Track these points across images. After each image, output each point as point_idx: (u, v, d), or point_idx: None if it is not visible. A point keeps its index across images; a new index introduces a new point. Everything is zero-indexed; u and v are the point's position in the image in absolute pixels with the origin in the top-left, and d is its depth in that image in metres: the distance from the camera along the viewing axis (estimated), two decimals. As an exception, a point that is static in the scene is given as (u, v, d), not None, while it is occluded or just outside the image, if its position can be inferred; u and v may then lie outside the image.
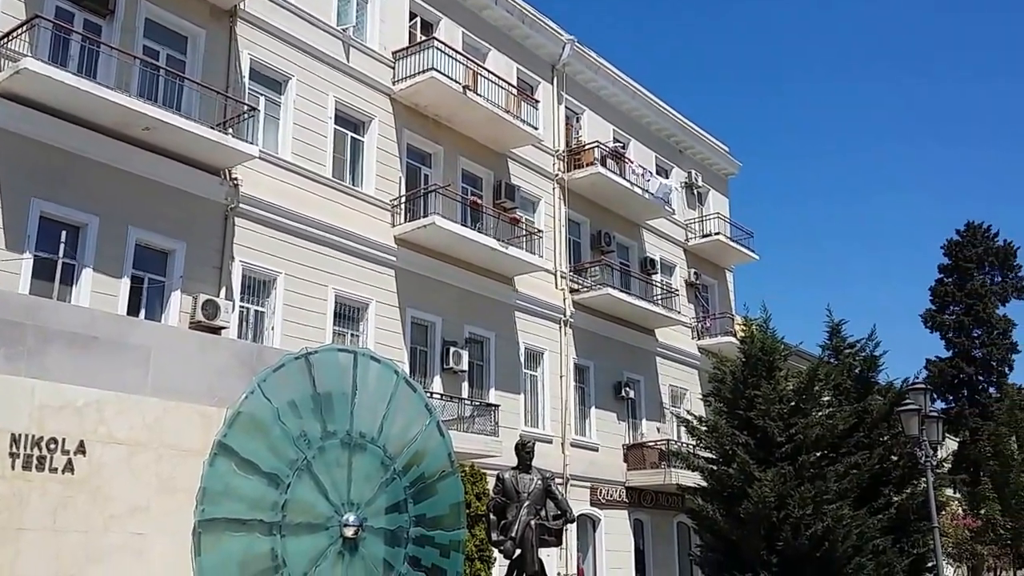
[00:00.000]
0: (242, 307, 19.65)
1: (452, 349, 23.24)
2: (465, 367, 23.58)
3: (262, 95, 20.90)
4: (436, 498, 14.39)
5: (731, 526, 22.23)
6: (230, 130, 18.73)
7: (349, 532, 13.07)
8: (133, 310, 17.43)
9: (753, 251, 36.21)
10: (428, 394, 19.37)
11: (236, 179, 19.36)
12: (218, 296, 18.48)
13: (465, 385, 23.81)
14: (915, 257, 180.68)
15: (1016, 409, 24.39)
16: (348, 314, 21.69)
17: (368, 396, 13.89)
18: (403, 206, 23.28)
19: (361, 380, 13.87)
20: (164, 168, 18.12)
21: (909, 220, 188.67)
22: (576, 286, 28.36)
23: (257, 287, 20.04)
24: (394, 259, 22.69)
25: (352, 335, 21.62)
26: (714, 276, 35.71)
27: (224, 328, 18.10)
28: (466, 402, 23.23)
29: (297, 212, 20.62)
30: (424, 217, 22.95)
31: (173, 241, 18.37)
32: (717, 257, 35.62)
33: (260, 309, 20.05)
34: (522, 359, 25.96)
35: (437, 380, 23.05)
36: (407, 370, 20.48)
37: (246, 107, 19.35)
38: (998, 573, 41.23)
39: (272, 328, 19.91)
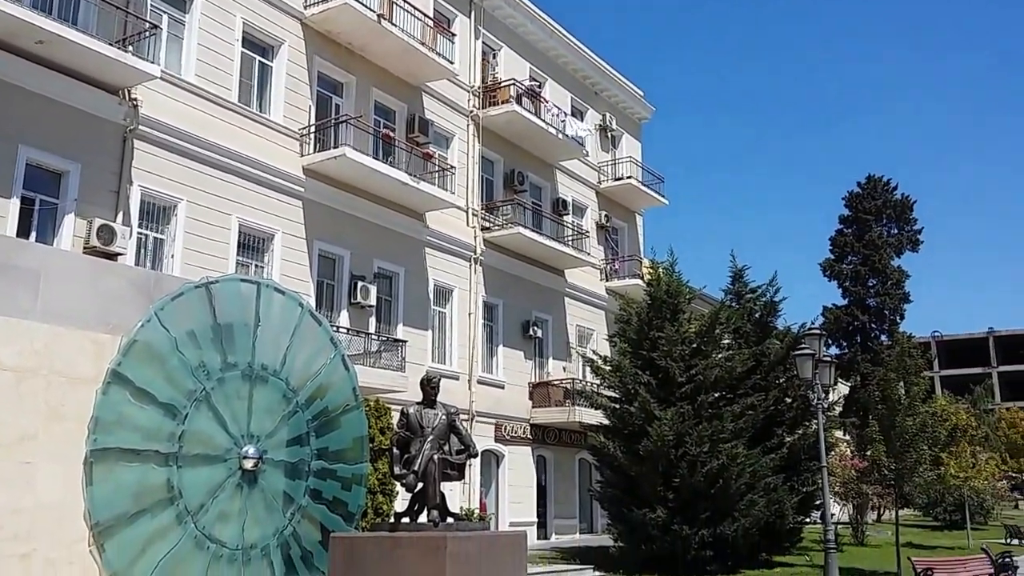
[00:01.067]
0: (140, 233, 18.96)
1: (360, 284, 22.96)
2: (373, 302, 23.35)
3: (165, 13, 19.94)
4: (339, 432, 14.34)
5: (631, 463, 22.82)
6: (130, 48, 17.82)
7: (248, 464, 12.93)
8: (23, 233, 16.62)
9: (663, 196, 36.63)
10: (334, 328, 19.15)
11: (136, 100, 18.50)
12: (115, 221, 17.76)
13: (373, 320, 23.61)
14: (820, 206, 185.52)
15: (905, 356, 25.38)
16: (252, 244, 21.16)
17: (271, 328, 13.67)
18: (312, 136, 22.70)
19: (264, 312, 13.62)
20: (59, 85, 17.20)
21: (815, 172, 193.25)
22: (488, 224, 28.27)
23: (157, 213, 19.35)
24: (302, 190, 22.17)
25: (256, 266, 21.14)
26: (624, 219, 36.04)
27: (120, 254, 17.44)
28: (373, 337, 23.06)
29: (200, 137, 19.88)
30: (334, 148, 22.42)
31: (67, 162, 17.52)
32: (628, 200, 35.91)
33: (160, 236, 19.39)
34: (431, 295, 25.86)
35: (344, 314, 22.79)
36: (313, 304, 20.15)
37: (148, 24, 18.42)
38: (881, 511, 43.53)
39: (172, 256, 19.29)
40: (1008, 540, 33.55)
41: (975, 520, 40.70)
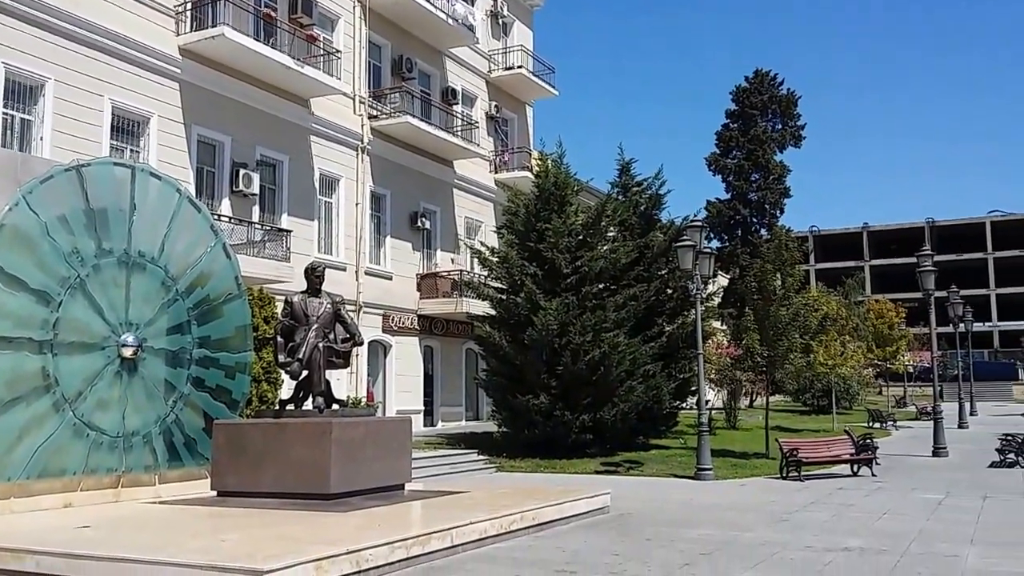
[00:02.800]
0: (5, 114, 17.88)
1: (242, 171, 22.29)
2: (256, 190, 22.75)
3: None
4: (221, 320, 14.18)
5: (516, 352, 23.32)
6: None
7: (127, 352, 12.70)
8: None
9: (554, 87, 36.41)
10: (215, 217, 18.65)
11: (-8, -32, 17.16)
12: (-26, 100, 16.66)
13: (256, 209, 23.04)
14: (707, 102, 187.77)
15: (782, 249, 26.29)
16: (127, 128, 20.20)
17: (147, 214, 13.24)
18: (189, 14, 21.56)
19: (140, 197, 13.16)
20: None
21: (707, 65, 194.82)
22: (375, 112, 27.64)
23: (23, 93, 18.21)
24: (179, 71, 21.14)
25: (132, 151, 20.24)
26: (514, 110, 35.78)
27: (-18, 136, 16.44)
28: (257, 226, 22.55)
29: (68, 12, 18.65)
30: (212, 28, 21.38)
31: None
32: (518, 91, 35.58)
33: (27, 117, 18.31)
34: (317, 185, 25.33)
35: (226, 203, 22.15)
36: (192, 191, 19.48)
37: None
38: (754, 397, 45.83)
39: (41, 139, 18.29)
40: (870, 424, 35.83)
41: (841, 405, 43.21)
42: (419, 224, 29.19)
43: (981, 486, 17.59)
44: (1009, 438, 22.02)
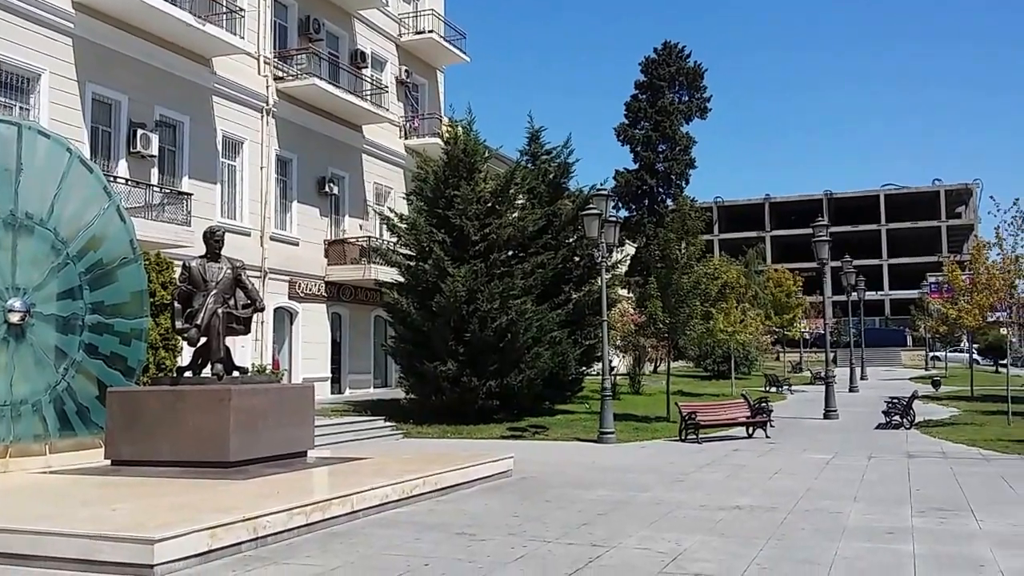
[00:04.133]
0: None
1: (140, 132, 21.53)
2: (155, 152, 22.02)
3: None
4: (116, 285, 13.77)
5: (424, 319, 23.31)
6: None
7: (14, 318, 12.25)
8: None
9: (465, 53, 36.13)
10: (110, 179, 18.05)
11: None
12: None
13: (155, 171, 22.31)
14: (618, 72, 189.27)
15: (686, 219, 26.87)
16: (15, 84, 19.29)
17: (36, 174, 12.74)
18: (82, -35, 20.64)
19: (27, 156, 12.64)
20: None
21: (614, 36, 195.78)
22: (281, 74, 26.99)
23: (-103, 44, 17.23)
24: (71, 25, 20.24)
25: (21, 108, 19.34)
26: (425, 75, 35.40)
27: None
28: (155, 189, 21.85)
29: (-53, -42, 17.68)
30: (107, -20, 20.52)
31: None
32: (429, 56, 35.20)
33: (-98, 70, 17.35)
34: (220, 147, 24.67)
35: (123, 164, 21.39)
36: (87, 152, 18.80)
37: None
38: (657, 363, 46.81)
39: (-82, 94, 17.36)
40: (767, 388, 37.02)
41: (740, 371, 44.51)
42: (327, 189, 28.73)
43: (867, 446, 18.41)
44: (895, 401, 23.08)
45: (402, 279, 24.90)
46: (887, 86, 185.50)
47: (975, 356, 50.30)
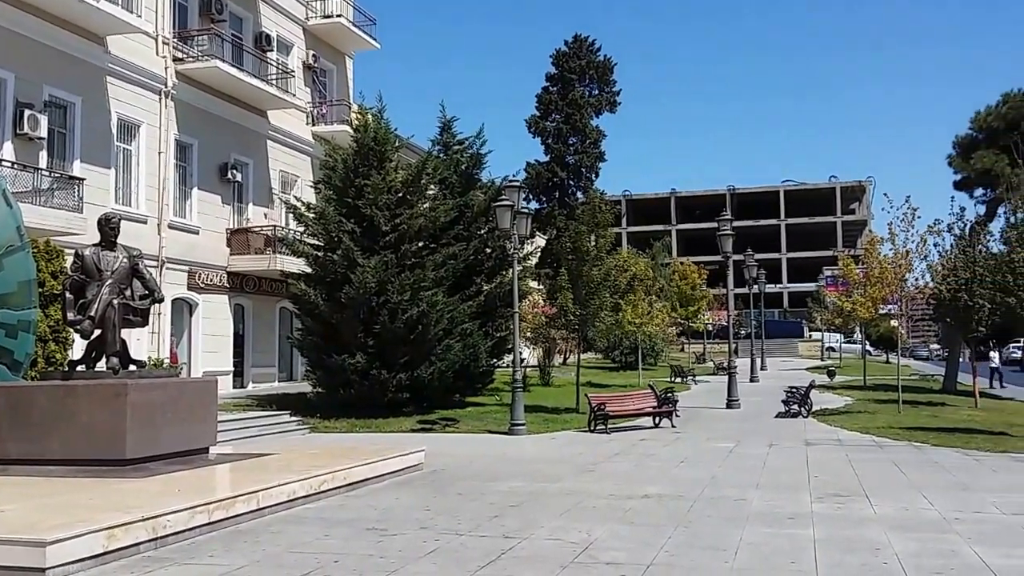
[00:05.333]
0: None
1: (27, 112, 20.39)
2: (44, 134, 20.89)
3: None
4: (1, 275, 13.01)
5: (332, 311, 22.86)
6: None
7: None
8: None
9: (375, 39, 35.53)
10: (-4, 161, 17.08)
11: None
12: None
13: (43, 154, 21.17)
14: (530, 64, 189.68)
15: (596, 212, 27.03)
16: None
17: (-90, 155, 11.92)
18: (-35, -65, 19.49)
19: (-99, 135, 11.82)
20: None
21: (527, 28, 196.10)
22: (181, 55, 26.02)
23: None
24: (-47, -1, 19.11)
25: (-103, 86, 18.18)
26: (333, 61, 34.67)
27: None
28: (44, 173, 20.74)
29: None
30: (-7, -48, 19.42)
31: None
32: (338, 41, 34.48)
33: None
34: (114, 130, 23.63)
35: (8, 147, 20.23)
36: (-29, 132, 17.77)
37: None
38: (567, 354, 47.09)
39: None
40: (672, 379, 37.66)
41: (647, 361, 45.15)
42: (229, 176, 27.85)
43: (768, 435, 18.86)
44: (793, 390, 23.76)
45: (309, 270, 24.35)
46: (788, 84, 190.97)
47: (867, 347, 52.29)
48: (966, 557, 7.98)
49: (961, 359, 37.71)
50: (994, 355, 43.67)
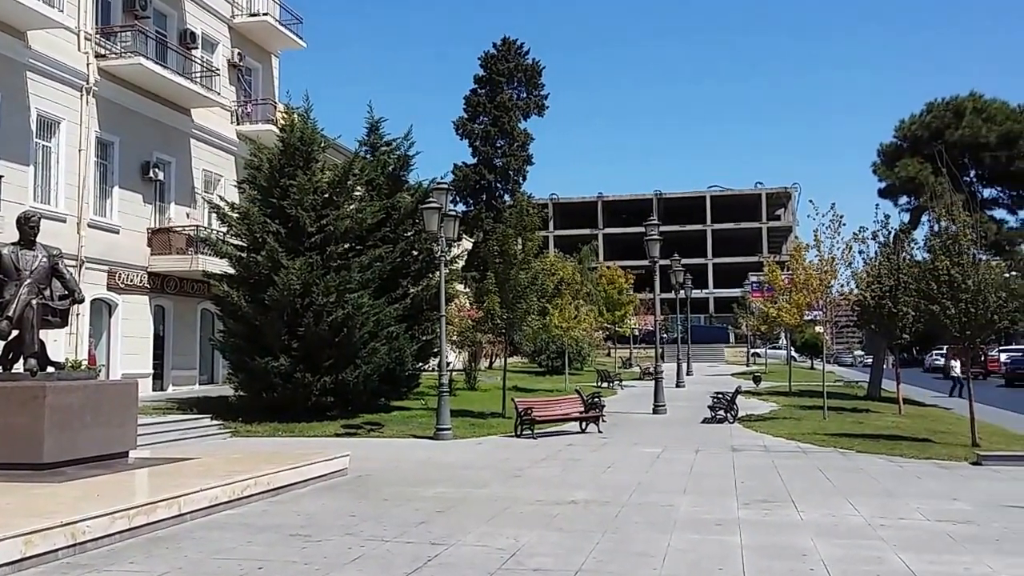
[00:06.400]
0: None
1: (-59, 106, 19.77)
2: (-42, 129, 20.27)
3: None
4: (-89, 273, 12.53)
5: (255, 312, 22.55)
6: None
7: None
8: None
9: (301, 38, 35.12)
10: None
11: None
12: None
13: (-42, 150, 20.54)
14: (457, 66, 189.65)
15: (524, 215, 27.15)
16: None
17: None
18: None
19: None
20: None
21: (456, 26, 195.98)
22: (104, 51, 25.36)
23: None
24: None
25: None
26: (259, 59, 34.17)
27: None
28: (-42, 169, 20.09)
29: None
30: (-96, -62, 18.71)
31: None
32: (263, 40, 33.99)
33: None
34: (34, 127, 22.93)
35: (-80, 140, 19.59)
36: None
37: None
38: (493, 358, 47.20)
39: None
40: (599, 383, 37.99)
41: (573, 366, 45.40)
42: (151, 175, 27.25)
43: (694, 440, 19.17)
44: (719, 396, 24.13)
45: (233, 271, 23.97)
46: (715, 91, 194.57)
47: (793, 353, 53.49)
48: (891, 563, 8.19)
49: (885, 365, 38.36)
50: (955, 363, 37.03)
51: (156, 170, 27.41)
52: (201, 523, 9.85)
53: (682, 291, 45.15)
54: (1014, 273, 27.38)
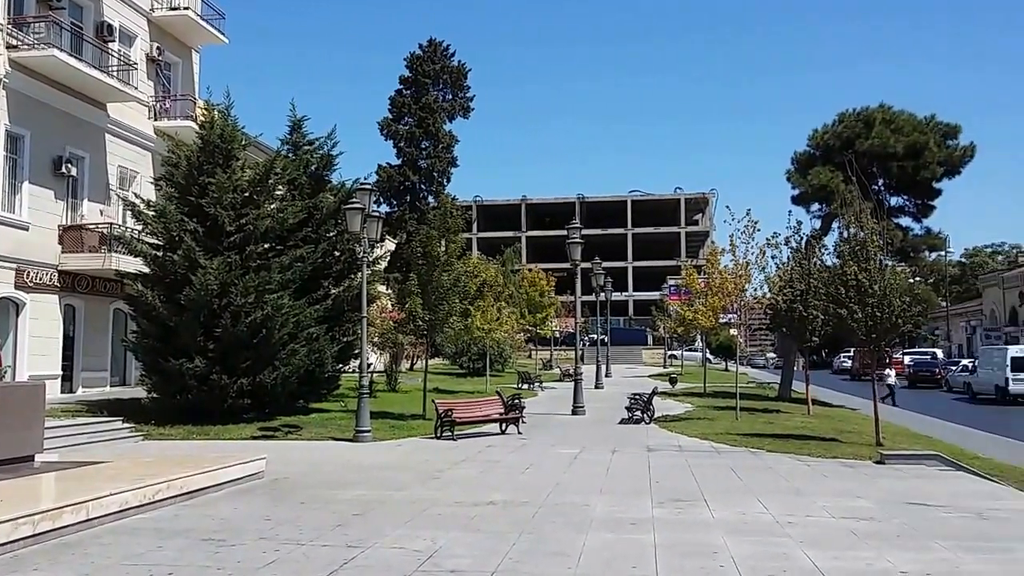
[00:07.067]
0: None
1: None
2: None
3: None
4: None
5: (171, 313, 22.08)
6: None
7: None
8: None
9: (223, 34, 34.44)
10: None
11: None
12: None
13: None
14: (384, 67, 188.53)
15: (447, 216, 27.17)
16: None
17: None
18: None
19: None
20: None
21: (382, 26, 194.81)
22: (15, 42, 24.50)
23: None
24: None
25: None
26: (179, 54, 33.41)
27: None
28: None
29: None
30: None
31: None
32: (184, 34, 33.25)
33: None
34: (-64, 117, 22.12)
35: None
36: None
37: None
38: (414, 360, 47.04)
39: None
40: (520, 385, 38.20)
41: (495, 368, 45.54)
42: (64, 170, 26.43)
43: (611, 441, 19.45)
44: (636, 397, 24.55)
45: (148, 270, 23.42)
46: (638, 98, 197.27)
47: (708, 355, 54.55)
48: (798, 560, 8.46)
49: (796, 367, 39.45)
50: (890, 372, 36.32)
51: (69, 165, 26.61)
52: (110, 528, 9.64)
53: (603, 294, 45.66)
54: (918, 279, 28.42)
